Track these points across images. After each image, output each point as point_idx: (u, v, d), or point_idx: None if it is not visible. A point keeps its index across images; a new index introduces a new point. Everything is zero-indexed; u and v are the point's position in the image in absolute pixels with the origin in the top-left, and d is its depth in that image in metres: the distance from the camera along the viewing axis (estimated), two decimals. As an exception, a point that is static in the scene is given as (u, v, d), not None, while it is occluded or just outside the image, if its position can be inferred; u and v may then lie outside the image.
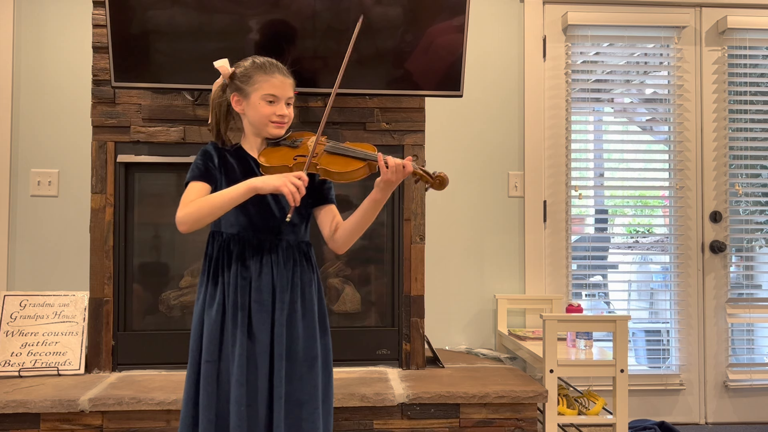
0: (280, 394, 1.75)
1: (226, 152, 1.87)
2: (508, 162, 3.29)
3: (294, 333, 1.79)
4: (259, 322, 1.77)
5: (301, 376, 1.78)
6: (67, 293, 2.62)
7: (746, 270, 3.42)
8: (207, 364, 1.77)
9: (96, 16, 2.54)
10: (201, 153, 1.85)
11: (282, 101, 1.82)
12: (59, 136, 3.07)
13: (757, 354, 3.39)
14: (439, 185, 1.73)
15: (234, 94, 1.84)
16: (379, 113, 2.66)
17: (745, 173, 3.41)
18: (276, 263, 1.80)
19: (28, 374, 2.46)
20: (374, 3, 2.43)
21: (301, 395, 1.78)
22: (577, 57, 3.34)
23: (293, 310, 1.80)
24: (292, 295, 1.81)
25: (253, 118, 1.83)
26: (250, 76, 1.81)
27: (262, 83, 1.80)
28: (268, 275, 1.79)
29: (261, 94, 1.80)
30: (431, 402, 2.31)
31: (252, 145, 1.88)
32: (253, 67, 1.83)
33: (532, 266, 3.26)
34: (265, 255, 1.80)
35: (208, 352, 1.77)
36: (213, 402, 1.75)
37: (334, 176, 1.76)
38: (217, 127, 1.90)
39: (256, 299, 1.78)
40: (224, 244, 1.82)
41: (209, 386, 1.76)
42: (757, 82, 3.39)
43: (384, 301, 2.71)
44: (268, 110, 1.81)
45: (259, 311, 1.77)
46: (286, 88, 1.83)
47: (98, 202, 2.55)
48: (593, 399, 2.67)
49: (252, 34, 2.41)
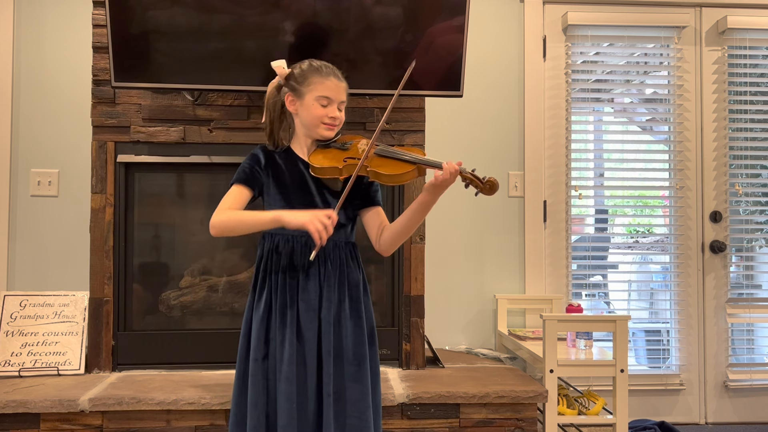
0: (329, 391, 1.77)
1: (275, 154, 1.90)
2: (508, 162, 3.29)
3: (342, 332, 1.82)
4: (307, 321, 1.79)
5: (351, 374, 1.80)
6: (67, 293, 2.62)
7: (746, 270, 3.42)
8: (254, 362, 1.80)
9: (96, 16, 2.54)
10: (249, 156, 1.89)
11: (335, 104, 1.85)
12: (59, 136, 3.07)
13: (757, 354, 3.39)
14: (489, 190, 1.74)
15: (289, 94, 1.87)
16: (379, 113, 2.66)
17: (745, 173, 3.41)
18: (323, 263, 1.83)
19: (28, 374, 2.47)
20: (374, 3, 2.43)
21: (352, 393, 1.80)
22: (577, 57, 3.34)
23: (341, 309, 1.83)
24: (340, 294, 1.83)
25: (306, 118, 1.85)
26: (305, 77, 1.84)
27: (317, 85, 1.83)
28: (315, 275, 1.82)
29: (315, 95, 1.83)
30: (431, 402, 2.31)
31: (302, 146, 1.90)
32: (310, 69, 1.86)
33: (532, 266, 3.26)
34: None
35: (256, 350, 1.80)
36: (262, 400, 1.78)
37: (383, 179, 1.79)
38: (270, 126, 1.92)
39: (303, 298, 1.81)
40: (274, 245, 1.84)
41: (257, 384, 1.79)
42: (757, 82, 3.39)
43: (384, 301, 2.71)
44: (320, 112, 1.84)
45: (307, 310, 1.80)
46: (339, 92, 1.86)
47: (98, 202, 2.55)
48: (593, 399, 2.67)
49: (252, 35, 2.41)
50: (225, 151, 2.60)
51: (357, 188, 1.84)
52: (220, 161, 2.59)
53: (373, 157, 1.82)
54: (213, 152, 2.60)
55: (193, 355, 2.57)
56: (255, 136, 2.60)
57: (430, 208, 1.81)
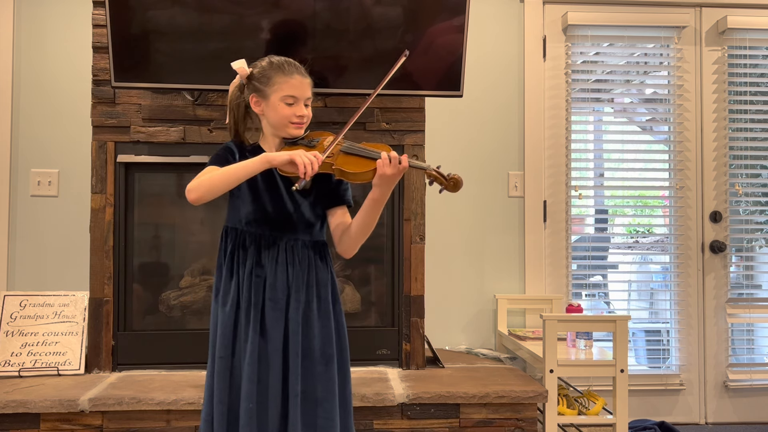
0: (296, 391, 1.76)
1: (246, 151, 1.87)
2: (508, 162, 3.29)
3: (310, 332, 1.80)
4: (273, 320, 1.77)
5: (317, 373, 1.79)
6: (67, 293, 2.63)
7: (746, 270, 3.42)
8: (220, 359, 1.78)
9: (96, 16, 2.54)
10: (223, 148, 1.87)
11: (301, 102, 1.82)
12: (59, 136, 3.07)
13: (757, 354, 3.39)
14: (453, 187, 1.72)
15: (253, 95, 1.84)
16: (379, 113, 2.66)
17: (745, 173, 3.41)
18: (291, 262, 1.80)
19: (28, 374, 2.47)
20: (374, 3, 2.43)
21: (318, 393, 1.78)
22: (577, 57, 3.34)
23: (309, 309, 1.81)
24: (308, 294, 1.81)
25: (273, 119, 1.83)
26: (269, 77, 1.81)
27: (281, 84, 1.80)
28: (282, 273, 1.79)
29: (280, 95, 1.80)
30: (431, 402, 2.31)
31: (270, 144, 1.88)
32: (272, 68, 1.82)
33: (532, 266, 3.26)
34: (280, 253, 1.80)
35: (222, 347, 1.78)
36: (225, 397, 1.76)
37: (348, 176, 1.76)
38: (235, 127, 1.90)
39: (271, 297, 1.78)
40: (239, 240, 1.82)
41: (222, 382, 1.77)
42: (757, 82, 3.39)
43: (384, 301, 2.71)
44: (287, 111, 1.81)
45: (273, 309, 1.78)
46: (305, 89, 1.83)
47: (98, 202, 2.55)
48: (593, 399, 2.67)
49: (252, 35, 2.41)
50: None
51: (326, 186, 1.81)
52: (220, 161, 2.59)
53: (338, 155, 1.78)
54: (213, 152, 2.58)
55: (193, 355, 2.57)
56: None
57: (383, 204, 1.75)
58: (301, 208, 1.81)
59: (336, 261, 2.74)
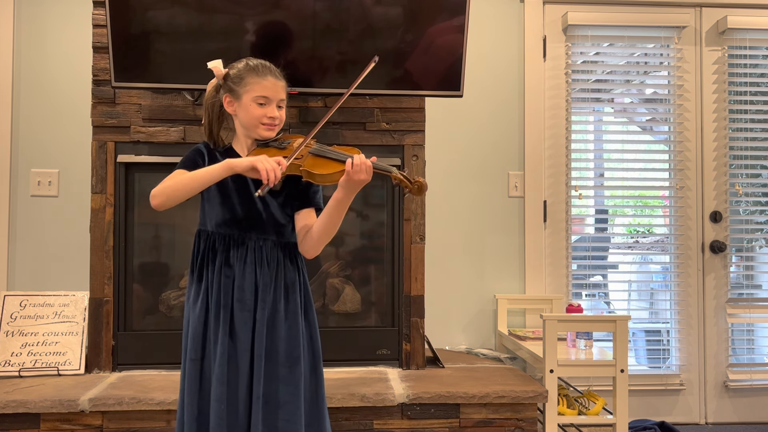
0: (258, 393, 1.75)
1: (216, 152, 1.88)
2: (508, 162, 3.28)
3: (275, 334, 1.79)
4: (241, 321, 1.77)
5: (281, 377, 1.77)
6: (67, 293, 2.63)
7: (746, 270, 3.42)
8: (191, 362, 1.78)
9: (96, 16, 2.54)
10: (192, 150, 1.87)
11: (273, 103, 1.83)
12: (59, 136, 3.07)
13: (757, 354, 3.39)
14: (418, 191, 1.71)
15: (226, 95, 1.85)
16: (379, 113, 2.66)
17: (745, 173, 3.41)
18: (260, 263, 1.80)
19: (28, 374, 2.46)
20: (374, 3, 2.43)
21: (282, 396, 1.77)
22: (577, 57, 3.34)
23: (275, 311, 1.80)
24: (275, 295, 1.80)
25: (245, 119, 1.83)
26: (242, 78, 1.82)
27: (253, 85, 1.81)
28: (251, 274, 1.79)
29: (252, 96, 1.81)
30: (431, 402, 2.31)
31: (243, 145, 1.88)
32: (246, 69, 1.83)
33: (532, 266, 3.26)
34: (249, 254, 1.80)
35: (192, 350, 1.78)
36: (195, 400, 1.76)
37: (315, 178, 1.76)
38: (209, 127, 1.91)
39: (239, 298, 1.78)
40: (209, 242, 1.82)
41: (193, 384, 1.77)
42: (757, 82, 3.39)
43: (384, 301, 2.71)
44: (259, 112, 1.81)
45: (241, 310, 1.78)
46: (277, 91, 1.83)
47: (98, 202, 2.55)
48: (593, 399, 2.67)
49: (252, 35, 2.41)
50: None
51: (296, 188, 1.81)
52: (220, 161, 2.59)
53: (307, 157, 1.78)
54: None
55: (193, 355, 2.57)
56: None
57: (347, 205, 1.75)
58: (270, 208, 1.81)
59: (336, 262, 2.75)
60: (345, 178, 1.69)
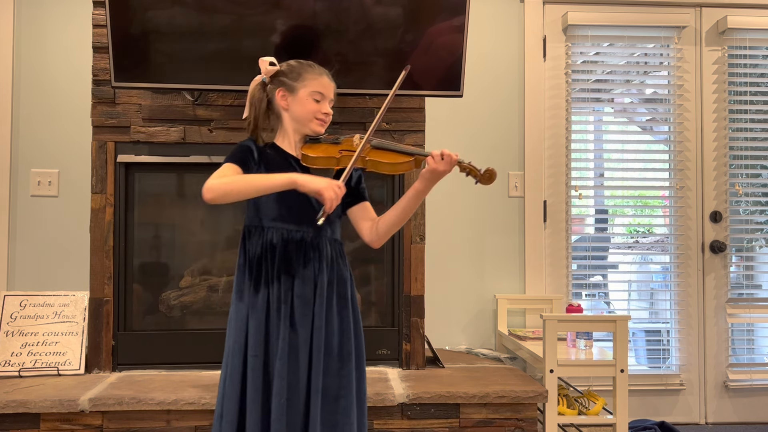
0: (317, 387, 1.77)
1: (264, 148, 1.88)
2: (508, 162, 3.28)
3: (330, 328, 1.82)
4: (301, 316, 1.79)
5: (336, 371, 1.81)
6: (67, 293, 2.62)
7: (746, 270, 3.42)
8: (253, 358, 1.78)
9: (96, 16, 2.54)
10: (239, 146, 1.86)
11: (327, 101, 1.87)
12: (59, 136, 3.07)
13: (757, 354, 3.39)
14: (488, 179, 1.80)
15: (280, 89, 1.86)
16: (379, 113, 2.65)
17: (745, 173, 3.41)
18: (318, 259, 1.83)
19: (28, 374, 2.46)
20: (374, 3, 2.43)
21: (337, 390, 1.80)
22: (577, 57, 3.34)
23: (330, 306, 1.83)
24: (329, 290, 1.83)
25: (299, 113, 1.85)
26: (299, 73, 1.86)
27: (311, 81, 1.85)
28: (310, 270, 1.81)
29: (310, 90, 1.85)
30: (431, 402, 2.31)
31: (290, 142, 1.89)
32: (302, 66, 1.88)
33: (532, 266, 3.26)
34: (307, 250, 1.82)
35: (255, 346, 1.79)
36: (259, 396, 1.77)
37: (383, 167, 1.81)
38: (255, 122, 1.90)
39: (299, 293, 1.80)
40: (266, 238, 1.83)
41: (256, 380, 1.77)
42: (757, 82, 3.39)
43: (384, 301, 2.71)
44: (314, 107, 1.85)
45: (301, 305, 1.80)
46: (331, 90, 1.89)
47: (98, 202, 2.55)
48: (593, 399, 2.67)
49: (252, 35, 2.41)
50: (225, 151, 2.55)
51: (347, 185, 1.83)
52: (220, 161, 2.56)
53: (369, 149, 1.83)
54: (213, 152, 2.59)
55: (193, 355, 2.57)
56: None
57: (424, 196, 1.84)
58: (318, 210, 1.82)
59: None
60: (428, 169, 1.77)
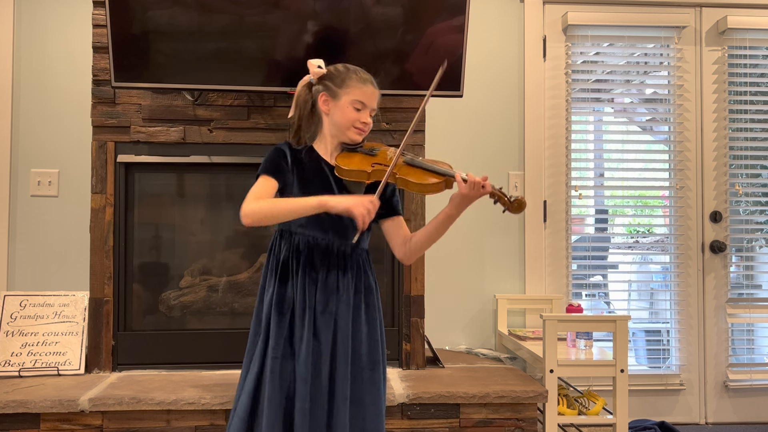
0: (345, 394, 1.78)
1: (300, 152, 1.89)
2: (508, 162, 3.29)
3: (357, 337, 1.83)
4: (323, 324, 1.80)
5: (364, 379, 1.82)
6: (67, 293, 2.62)
7: (746, 270, 3.42)
8: (275, 360, 1.79)
9: (96, 16, 2.54)
10: (274, 150, 1.87)
11: (368, 110, 1.86)
12: (59, 136, 3.07)
13: (757, 354, 3.39)
14: (517, 208, 1.78)
15: (323, 93, 1.86)
16: (379, 113, 2.63)
17: (745, 173, 3.41)
18: (342, 268, 1.83)
19: (28, 374, 2.46)
20: (374, 3, 2.43)
21: (365, 397, 1.81)
22: (577, 57, 3.34)
23: (357, 315, 1.84)
24: (356, 300, 1.84)
25: (339, 119, 1.85)
26: (344, 79, 1.85)
27: (354, 89, 1.84)
28: (333, 279, 1.82)
29: (351, 98, 1.83)
30: (431, 402, 2.31)
31: (327, 147, 1.89)
32: (348, 71, 1.87)
33: (532, 266, 3.26)
34: (332, 259, 1.83)
35: (276, 348, 1.79)
36: (277, 397, 1.77)
37: (412, 187, 1.80)
38: (299, 123, 1.91)
39: (321, 301, 1.81)
40: (294, 245, 1.84)
41: (275, 381, 1.78)
42: (757, 82, 3.39)
43: (384, 301, 2.70)
44: (354, 115, 1.84)
45: (323, 313, 1.80)
46: (374, 99, 1.88)
47: (98, 202, 2.55)
48: (593, 399, 2.67)
49: (252, 35, 2.41)
50: (225, 151, 2.60)
51: (381, 197, 1.83)
52: (220, 161, 2.60)
53: (401, 165, 1.82)
54: (213, 152, 2.60)
55: (193, 355, 2.57)
56: (255, 136, 2.60)
57: (454, 220, 1.84)
58: None
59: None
60: (459, 195, 1.77)
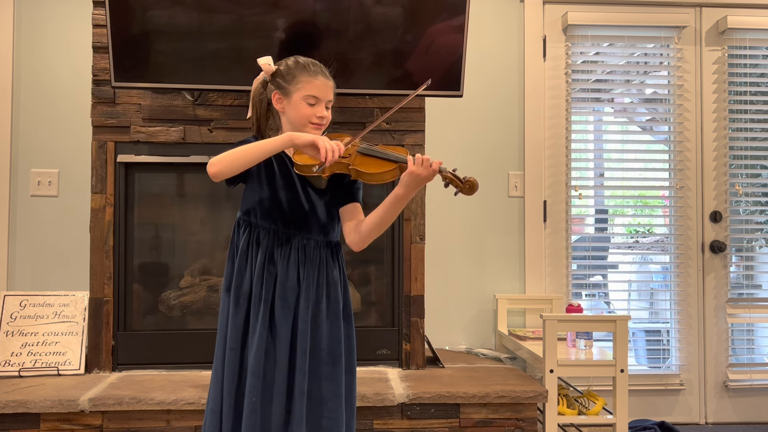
0: (302, 389, 1.76)
1: None
2: (508, 162, 3.29)
3: (318, 331, 1.80)
4: (281, 318, 1.78)
5: (324, 374, 1.79)
6: (67, 293, 2.63)
7: (746, 270, 3.42)
8: (231, 351, 1.78)
9: (96, 16, 2.54)
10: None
11: (323, 103, 1.83)
12: (59, 136, 3.07)
13: (757, 354, 3.39)
14: (469, 190, 1.71)
15: (275, 92, 1.84)
16: (379, 113, 2.66)
17: (745, 173, 3.41)
18: (303, 262, 1.81)
19: (28, 374, 2.47)
20: (374, 3, 2.43)
21: (324, 393, 1.79)
22: (577, 57, 3.34)
23: (318, 309, 1.81)
24: (317, 293, 1.82)
25: (293, 117, 1.83)
26: (293, 76, 1.82)
27: (304, 84, 1.81)
28: (294, 272, 1.80)
29: (303, 94, 1.81)
30: (431, 402, 2.31)
31: None
32: (297, 67, 1.83)
33: (532, 266, 3.26)
34: (292, 251, 1.81)
35: (232, 339, 1.79)
36: (233, 389, 1.77)
37: (364, 177, 1.77)
38: (257, 123, 1.91)
39: (281, 295, 1.79)
40: (253, 235, 1.82)
41: (232, 373, 1.77)
42: (757, 82, 3.39)
43: (384, 301, 2.71)
44: (308, 111, 1.81)
45: (282, 307, 1.78)
46: (327, 91, 1.84)
47: (98, 202, 2.55)
48: (593, 399, 2.67)
49: (252, 35, 2.41)
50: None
51: (340, 185, 1.82)
52: (220, 161, 2.59)
53: (355, 155, 1.78)
54: (213, 152, 2.54)
55: (193, 355, 2.57)
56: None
57: (405, 202, 1.76)
58: (317, 209, 1.82)
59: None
60: (407, 174, 1.70)
